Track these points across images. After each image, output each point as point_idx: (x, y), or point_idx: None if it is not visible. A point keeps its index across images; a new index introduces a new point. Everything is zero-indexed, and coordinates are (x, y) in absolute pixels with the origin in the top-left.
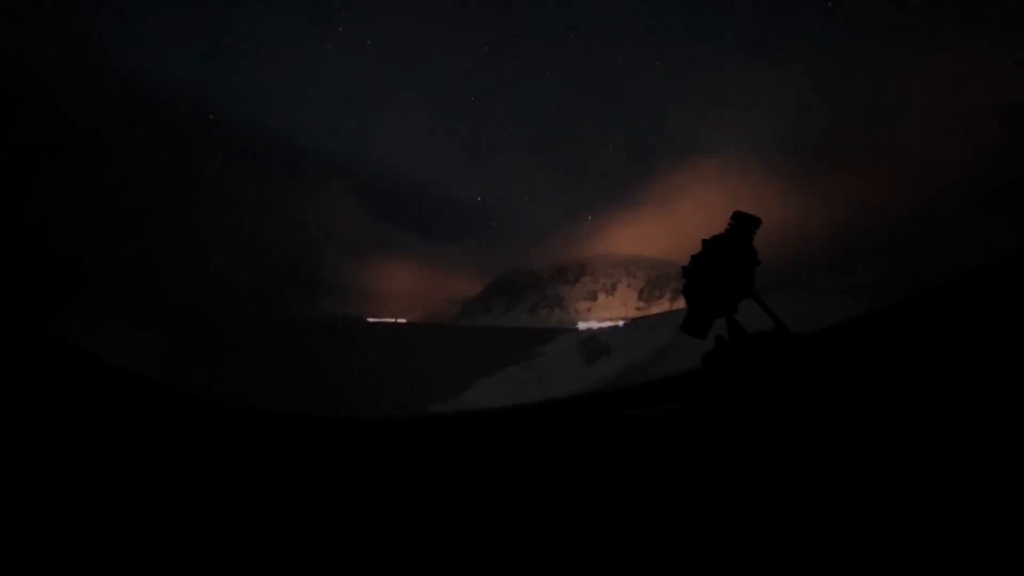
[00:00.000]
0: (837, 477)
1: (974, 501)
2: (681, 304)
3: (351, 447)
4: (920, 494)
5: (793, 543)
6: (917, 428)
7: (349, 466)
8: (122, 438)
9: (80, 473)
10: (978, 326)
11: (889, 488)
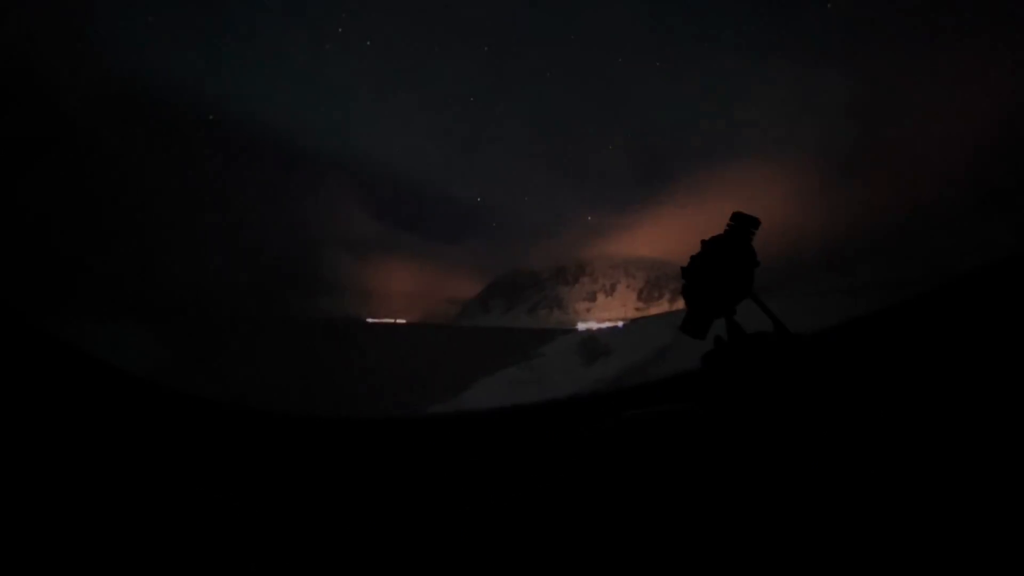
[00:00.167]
0: (836, 477)
1: (974, 501)
2: (680, 305)
3: (351, 447)
4: (920, 494)
5: (792, 543)
6: (917, 428)
7: (349, 466)
8: (121, 439)
9: (78, 474)
10: (978, 326)
11: (889, 488)
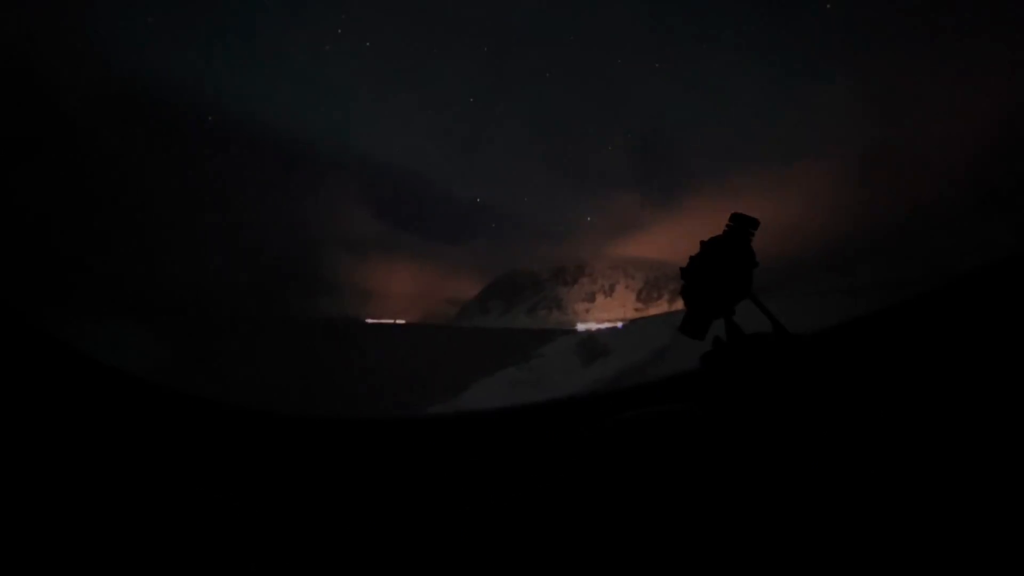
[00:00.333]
0: (835, 478)
1: (974, 501)
2: (679, 305)
3: (350, 447)
4: (920, 494)
5: (791, 544)
6: (917, 428)
7: (349, 466)
8: (121, 439)
9: (78, 475)
10: (978, 326)
11: (888, 489)
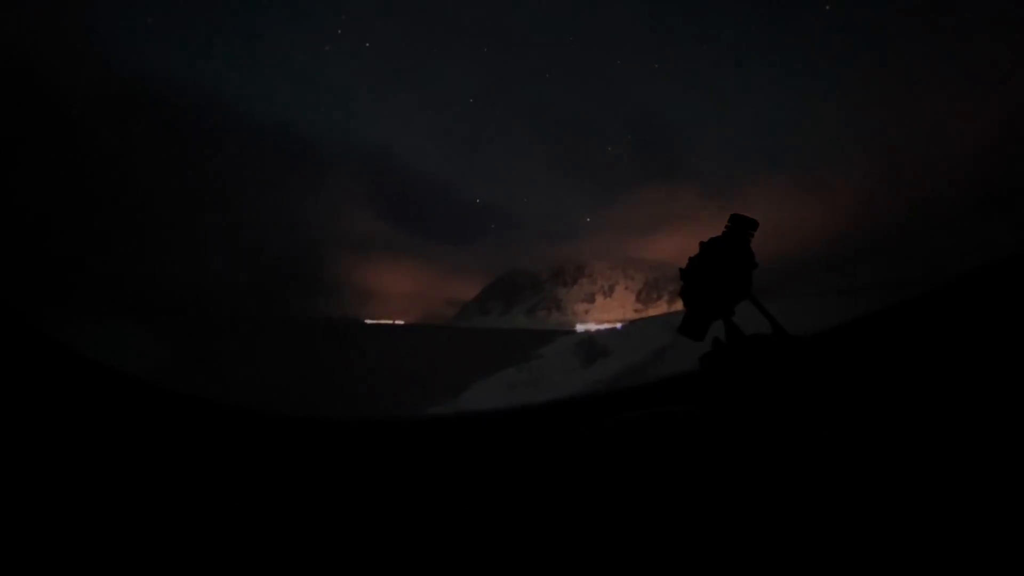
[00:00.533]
0: (835, 479)
1: (974, 500)
2: (679, 306)
3: (350, 447)
4: (919, 494)
5: (790, 545)
6: (917, 428)
7: (348, 466)
8: (121, 439)
9: (79, 474)
10: (978, 326)
11: (888, 489)
